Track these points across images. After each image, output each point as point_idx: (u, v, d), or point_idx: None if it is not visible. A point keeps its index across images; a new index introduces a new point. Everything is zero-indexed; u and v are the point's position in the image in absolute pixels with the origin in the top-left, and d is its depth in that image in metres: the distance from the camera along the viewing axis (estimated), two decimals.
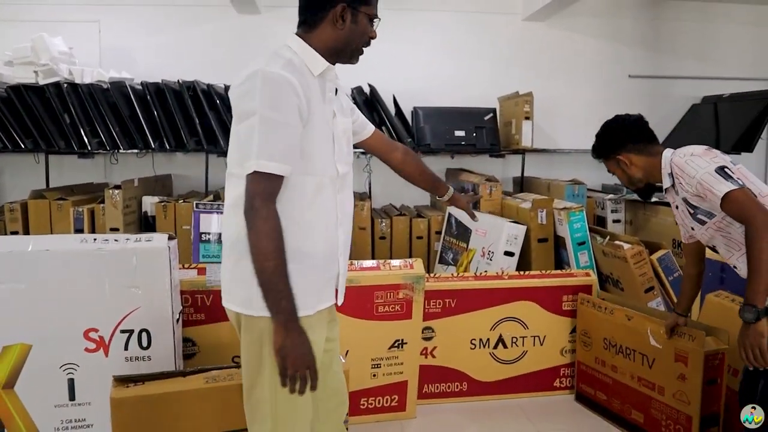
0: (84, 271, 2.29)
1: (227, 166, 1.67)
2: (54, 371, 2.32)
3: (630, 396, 2.86)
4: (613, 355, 2.93)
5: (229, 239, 1.63)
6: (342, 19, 1.66)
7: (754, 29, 6.02)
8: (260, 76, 1.51)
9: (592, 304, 3.09)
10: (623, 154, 2.24)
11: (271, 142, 1.49)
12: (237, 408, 2.04)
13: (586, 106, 5.84)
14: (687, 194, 2.05)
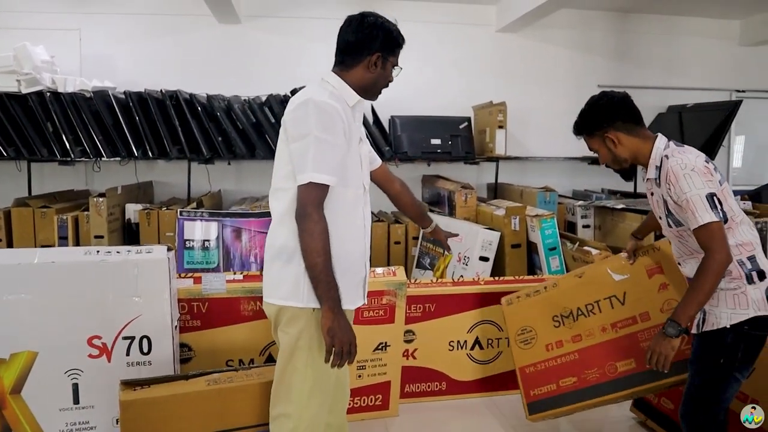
0: (88, 282, 2.46)
1: (273, 183, 1.96)
2: (59, 377, 2.48)
3: (610, 351, 2.68)
4: (571, 325, 2.75)
5: (277, 245, 1.91)
6: (375, 65, 1.96)
7: (717, 42, 6.40)
8: (312, 104, 1.80)
9: (524, 295, 2.89)
10: (611, 132, 2.14)
11: (323, 158, 1.78)
12: (237, 408, 2.25)
13: (557, 114, 6.12)
14: (669, 198, 2.05)
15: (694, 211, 1.93)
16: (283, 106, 4.90)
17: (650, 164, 2.11)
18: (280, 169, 1.92)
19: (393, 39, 2.00)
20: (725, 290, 2.02)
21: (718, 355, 2.02)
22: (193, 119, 4.85)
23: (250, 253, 4.21)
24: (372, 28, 1.97)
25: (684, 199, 1.95)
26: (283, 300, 1.89)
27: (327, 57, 4.42)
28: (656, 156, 2.08)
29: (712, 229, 1.92)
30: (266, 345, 2.93)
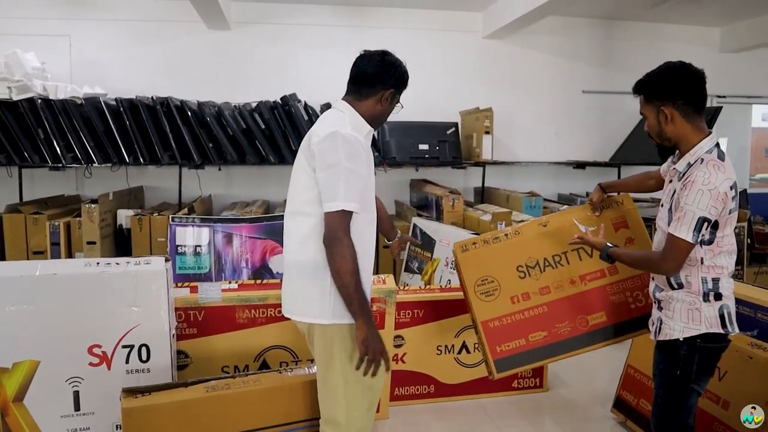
0: (88, 293, 2.56)
1: (293, 206, 2.14)
2: (60, 384, 2.58)
3: (580, 304, 2.63)
4: (537, 277, 2.63)
5: (303, 265, 2.05)
6: (386, 100, 2.14)
7: (699, 49, 6.58)
8: (339, 137, 1.95)
9: (481, 242, 2.68)
10: (668, 107, 2.06)
11: (352, 188, 1.94)
12: (235, 414, 2.37)
13: (542, 120, 6.31)
14: (677, 196, 2.05)
15: (680, 220, 1.98)
16: (273, 112, 5.05)
17: (686, 157, 2.08)
18: (302, 194, 2.07)
19: (405, 79, 2.19)
20: (681, 302, 2.11)
21: (674, 367, 2.12)
22: (184, 125, 4.94)
23: (241, 258, 4.31)
24: (391, 66, 2.14)
25: (682, 206, 1.98)
26: (311, 318, 2.05)
27: (316, 64, 4.73)
28: (696, 153, 2.05)
29: (680, 245, 2.00)
30: (260, 351, 3.04)
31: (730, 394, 2.62)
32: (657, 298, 2.23)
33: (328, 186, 1.94)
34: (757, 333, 2.72)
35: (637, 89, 2.19)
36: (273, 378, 2.50)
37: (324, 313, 2.01)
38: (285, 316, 2.18)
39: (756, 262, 5.11)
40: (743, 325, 2.80)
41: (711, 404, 2.69)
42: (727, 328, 2.10)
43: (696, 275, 2.09)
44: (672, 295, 2.14)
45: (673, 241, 2.01)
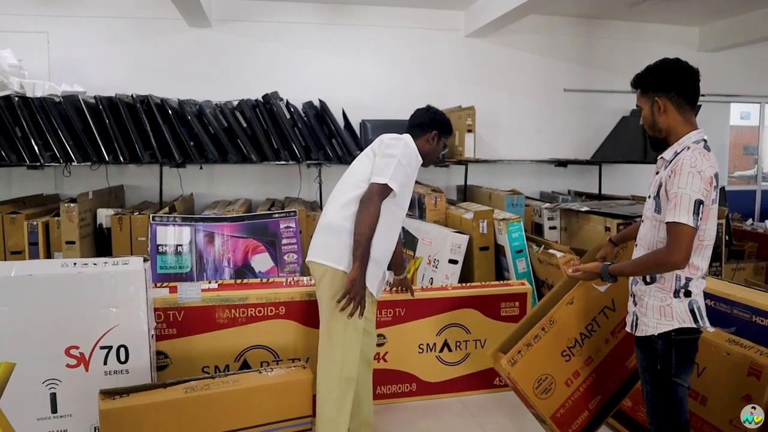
0: (65, 294, 2.52)
1: (348, 179, 2.65)
2: (37, 387, 2.54)
3: (617, 356, 2.72)
4: (579, 352, 2.70)
5: (337, 222, 2.55)
6: (433, 141, 2.74)
7: (678, 48, 6.61)
8: (404, 141, 2.60)
9: (524, 347, 2.64)
10: (662, 99, 2.10)
11: (398, 174, 2.50)
12: (215, 415, 2.34)
13: (524, 118, 6.33)
14: (665, 184, 2.05)
15: (677, 206, 1.96)
16: (254, 110, 5.02)
17: (673, 146, 2.11)
18: (360, 174, 2.58)
19: (447, 125, 2.78)
20: (653, 298, 2.13)
21: (654, 362, 2.15)
22: (165, 124, 4.89)
23: (223, 257, 4.27)
24: (435, 115, 2.77)
25: (674, 192, 1.97)
26: (330, 262, 2.52)
27: (298, 61, 4.66)
28: (683, 143, 2.09)
29: (683, 230, 1.96)
30: (241, 351, 3.02)
31: (709, 390, 2.64)
32: (633, 292, 2.25)
33: (382, 167, 2.49)
34: (734, 330, 2.75)
35: (635, 83, 2.20)
36: (253, 378, 2.48)
37: (340, 262, 2.50)
38: (307, 260, 2.62)
39: (734, 259, 5.17)
40: (721, 321, 2.83)
41: (690, 400, 2.70)
42: (698, 323, 2.13)
43: (671, 272, 2.09)
44: (644, 290, 2.16)
45: (675, 228, 1.98)
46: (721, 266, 4.71)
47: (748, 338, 2.62)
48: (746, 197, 7.17)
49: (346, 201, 2.55)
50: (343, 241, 2.50)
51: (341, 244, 2.50)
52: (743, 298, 2.77)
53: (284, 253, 4.40)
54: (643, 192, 5.85)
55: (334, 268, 2.50)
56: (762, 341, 2.58)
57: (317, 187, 5.54)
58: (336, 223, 2.54)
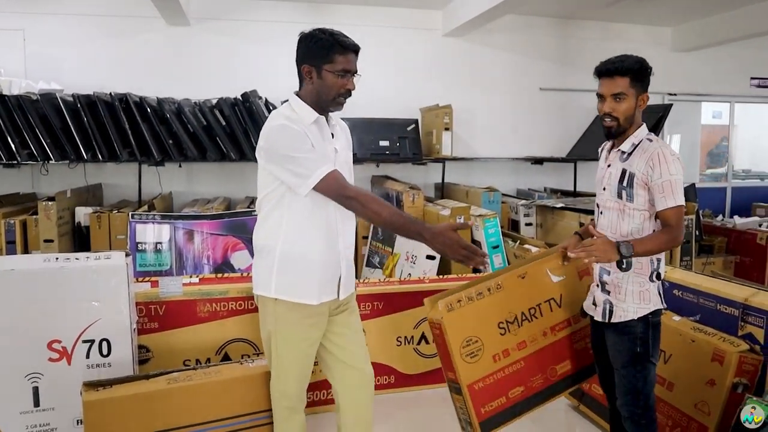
0: (47, 288, 2.57)
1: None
2: (19, 380, 2.58)
3: (550, 355, 2.68)
4: (516, 332, 2.61)
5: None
6: (309, 77, 2.16)
7: (651, 48, 6.79)
8: (277, 128, 2.13)
9: (466, 298, 2.55)
10: (646, 95, 2.27)
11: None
12: (197, 405, 2.41)
13: (501, 116, 6.45)
14: (638, 174, 2.18)
15: (673, 192, 2.14)
16: (233, 108, 5.07)
17: (629, 139, 2.25)
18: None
19: (315, 49, 2.14)
20: (632, 284, 2.26)
21: (634, 346, 2.27)
22: (143, 122, 4.91)
23: (202, 255, 4.33)
24: (299, 43, 2.19)
25: (667, 180, 2.13)
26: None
27: (277, 60, 4.75)
28: (640, 135, 2.25)
29: (681, 213, 2.16)
30: (222, 344, 3.08)
31: (675, 375, 2.77)
32: (603, 281, 2.35)
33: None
34: (699, 317, 2.88)
35: (625, 71, 2.24)
36: (234, 369, 2.55)
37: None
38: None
39: (704, 254, 5.34)
40: (687, 310, 2.96)
41: (657, 386, 2.82)
42: (664, 303, 2.30)
43: (641, 258, 2.22)
44: (622, 277, 2.27)
45: (675, 213, 2.15)
46: (691, 260, 4.86)
47: (712, 326, 2.76)
48: (717, 194, 7.37)
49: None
50: (267, 262, 2.20)
51: (266, 265, 2.21)
52: (708, 287, 2.90)
53: None
54: None
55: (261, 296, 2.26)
56: (725, 328, 2.71)
57: None
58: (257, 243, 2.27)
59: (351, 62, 2.18)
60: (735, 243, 5.45)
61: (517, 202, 5.49)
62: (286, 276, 2.18)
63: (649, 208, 2.23)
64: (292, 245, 2.17)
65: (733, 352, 2.51)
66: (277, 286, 2.17)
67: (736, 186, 7.47)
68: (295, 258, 2.17)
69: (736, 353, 2.51)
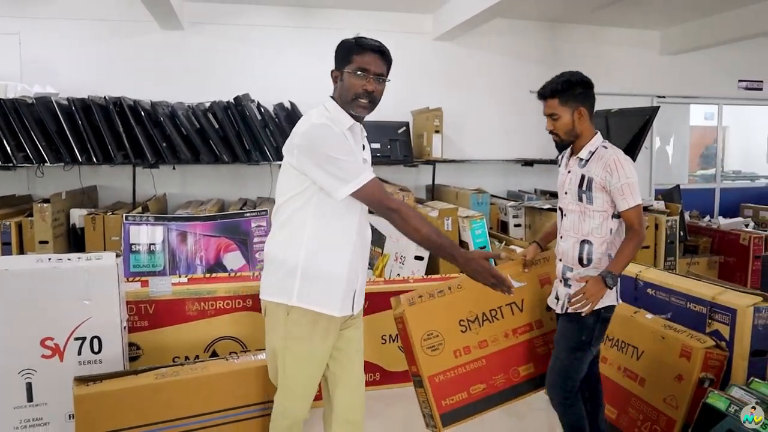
0: (41, 288, 2.68)
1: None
2: (13, 376, 2.69)
3: (513, 356, 2.83)
4: (477, 330, 2.76)
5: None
6: (335, 82, 2.21)
7: (640, 51, 6.95)
8: (322, 127, 2.09)
9: (427, 295, 2.73)
10: (582, 108, 2.42)
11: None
12: (184, 399, 2.52)
13: (491, 118, 6.57)
14: (597, 179, 2.37)
15: (631, 193, 2.35)
16: (226, 112, 5.19)
17: (586, 147, 2.45)
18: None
19: (341, 51, 2.18)
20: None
21: (581, 334, 2.44)
22: (138, 125, 5.03)
23: (195, 255, 4.44)
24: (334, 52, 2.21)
25: (625, 182, 2.33)
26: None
27: (269, 63, 4.90)
28: (595, 143, 2.45)
29: (640, 210, 2.38)
30: (210, 342, 3.20)
31: (646, 372, 2.88)
32: (565, 278, 2.52)
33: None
34: (671, 315, 2.99)
35: (552, 94, 2.47)
36: (221, 365, 2.66)
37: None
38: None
39: (689, 254, 5.45)
40: (659, 308, 3.07)
41: (630, 381, 2.95)
42: (619, 300, 2.49)
43: (605, 252, 2.43)
44: (583, 273, 2.46)
45: (635, 212, 2.37)
46: (675, 261, 4.98)
47: (683, 323, 2.87)
48: (706, 195, 7.49)
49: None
50: (283, 268, 2.14)
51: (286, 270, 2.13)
52: (679, 286, 3.02)
53: (255, 251, 4.57)
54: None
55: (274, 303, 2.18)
56: (695, 325, 2.83)
57: None
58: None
59: (368, 62, 2.15)
60: (719, 244, 5.57)
61: (506, 204, 5.61)
62: (310, 282, 2.11)
63: (607, 209, 2.42)
64: (317, 251, 2.11)
65: (700, 348, 2.63)
66: (300, 293, 2.10)
67: (724, 187, 7.59)
68: (321, 264, 2.11)
69: (702, 349, 2.63)
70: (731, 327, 2.68)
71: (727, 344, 2.68)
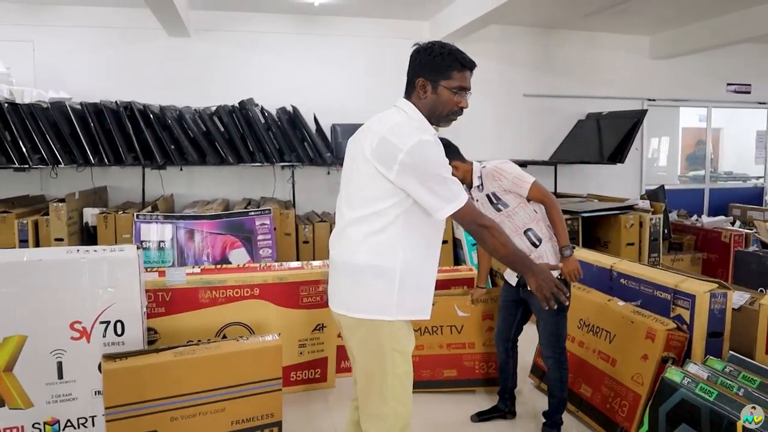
0: (70, 276, 3.03)
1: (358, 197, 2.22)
2: (45, 356, 3.03)
3: (441, 362, 3.73)
4: (417, 339, 2.92)
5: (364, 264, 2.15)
6: (423, 91, 2.14)
7: (630, 56, 7.31)
8: (426, 144, 2.05)
9: None
10: (455, 163, 2.94)
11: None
12: (199, 375, 2.88)
13: (486, 122, 6.93)
14: (496, 189, 2.99)
15: (523, 180, 2.96)
16: (231, 116, 5.57)
17: (474, 178, 3.07)
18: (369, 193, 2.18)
19: (438, 62, 2.12)
20: (549, 251, 3.02)
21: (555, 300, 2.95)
22: (147, 128, 5.40)
23: (202, 252, 4.81)
24: (416, 54, 2.16)
25: (512, 177, 2.96)
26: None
27: (272, 69, 5.25)
28: (477, 171, 3.07)
29: (537, 184, 2.99)
30: (221, 327, 3.54)
31: (617, 353, 3.24)
32: None
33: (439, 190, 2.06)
34: (640, 302, 3.34)
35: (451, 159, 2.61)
36: (232, 345, 3.01)
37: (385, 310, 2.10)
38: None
39: (673, 251, 5.80)
40: (630, 296, 3.43)
41: (603, 362, 3.31)
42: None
43: (545, 227, 3.04)
44: (539, 252, 3.00)
45: (535, 187, 2.98)
46: (659, 257, 5.33)
47: (650, 309, 3.22)
48: (696, 195, 7.85)
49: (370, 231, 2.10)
50: (382, 283, 2.09)
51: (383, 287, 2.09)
52: (648, 276, 3.37)
53: (259, 248, 4.94)
54: (597, 190, 6.47)
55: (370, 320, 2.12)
56: (660, 311, 3.18)
57: (290, 187, 6.10)
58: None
59: (467, 80, 2.18)
60: (703, 241, 5.92)
61: None
62: (405, 294, 2.10)
63: (519, 201, 3.01)
64: (410, 261, 2.10)
65: (662, 330, 2.98)
66: (399, 307, 2.09)
67: (714, 188, 7.94)
68: (414, 276, 2.12)
69: (664, 331, 2.98)
70: (691, 311, 3.03)
71: (688, 327, 3.03)
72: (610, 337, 3.31)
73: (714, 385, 2.57)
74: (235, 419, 2.95)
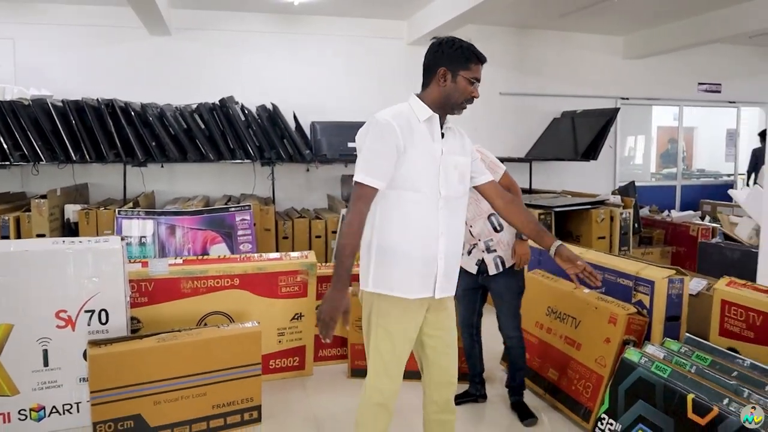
0: (55, 266, 3.16)
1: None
2: (31, 344, 3.16)
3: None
4: None
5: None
6: (444, 80, 2.30)
7: (604, 56, 7.55)
8: (366, 127, 2.26)
9: None
10: None
11: (361, 164, 2.21)
12: (181, 359, 3.02)
13: (462, 119, 7.04)
14: None
15: (498, 165, 3.27)
16: (212, 113, 5.70)
17: None
18: None
19: (458, 55, 2.29)
20: (509, 236, 3.28)
21: (520, 281, 3.37)
22: (128, 125, 5.52)
23: (183, 247, 4.93)
24: (438, 47, 2.33)
25: (490, 159, 3.21)
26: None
27: (252, 67, 5.39)
28: None
29: (508, 172, 3.32)
30: (202, 316, 3.68)
31: (582, 338, 3.43)
32: (489, 246, 3.25)
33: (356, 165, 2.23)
34: (605, 290, 3.54)
35: None
36: (213, 331, 3.16)
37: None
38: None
39: (643, 244, 6.04)
40: None
41: (569, 347, 3.50)
42: None
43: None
44: (500, 236, 3.27)
45: (507, 173, 3.32)
46: (629, 250, 5.56)
47: (613, 296, 3.42)
48: (669, 192, 8.11)
49: None
50: (366, 256, 2.29)
51: (365, 259, 2.30)
52: (612, 264, 3.57)
53: (240, 243, 5.08)
54: (571, 186, 6.69)
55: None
56: (623, 297, 3.38)
57: (270, 184, 6.25)
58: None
59: (480, 72, 2.36)
60: (672, 235, 6.16)
61: None
62: (382, 269, 2.25)
63: None
64: (384, 238, 2.24)
65: (623, 315, 3.18)
66: (374, 279, 2.25)
67: (686, 184, 8.22)
68: (388, 250, 2.23)
69: (625, 315, 3.17)
70: (651, 297, 3.23)
71: (648, 311, 3.24)
72: (576, 323, 3.50)
73: (669, 364, 2.77)
74: (216, 403, 3.11)
